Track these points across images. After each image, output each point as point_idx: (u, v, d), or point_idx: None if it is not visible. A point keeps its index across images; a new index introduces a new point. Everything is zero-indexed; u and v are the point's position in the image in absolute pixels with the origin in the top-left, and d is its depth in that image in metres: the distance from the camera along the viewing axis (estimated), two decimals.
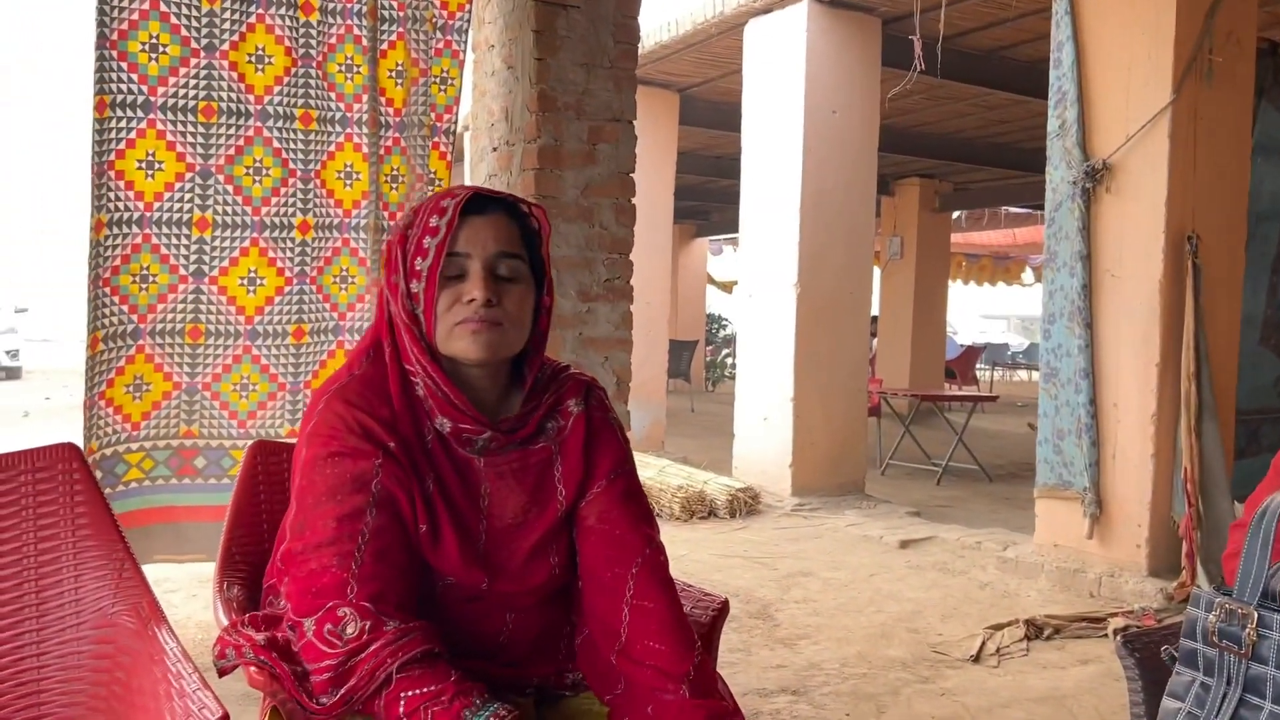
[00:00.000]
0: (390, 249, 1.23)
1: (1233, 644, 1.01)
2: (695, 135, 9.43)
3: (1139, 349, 4.08)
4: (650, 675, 1.21)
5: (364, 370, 1.23)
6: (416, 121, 3.17)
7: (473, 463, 1.24)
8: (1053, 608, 3.88)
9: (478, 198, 1.22)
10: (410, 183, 3.19)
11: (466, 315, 1.18)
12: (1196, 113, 4.02)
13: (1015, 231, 14.21)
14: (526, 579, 1.25)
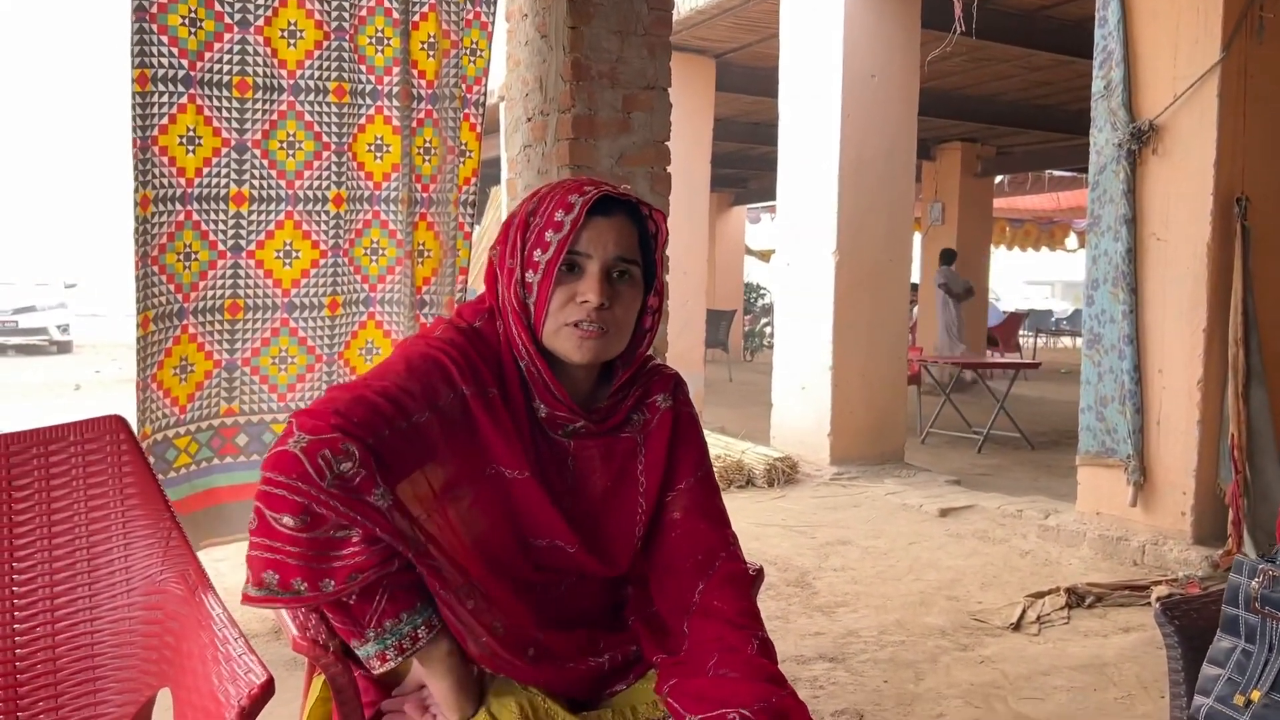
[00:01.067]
0: (507, 231, 1.24)
1: (1276, 610, 1.00)
2: (732, 101, 9.33)
3: (1185, 314, 4.00)
4: (719, 627, 1.23)
5: (483, 325, 1.25)
6: (448, 94, 3.17)
7: (563, 444, 1.27)
8: (1095, 576, 3.84)
9: (604, 198, 1.22)
10: (442, 155, 3.20)
11: (578, 317, 1.19)
12: (1247, 71, 3.90)
13: (1059, 195, 13.95)
14: (611, 560, 1.28)
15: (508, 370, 1.23)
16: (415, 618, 1.13)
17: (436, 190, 3.19)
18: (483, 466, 1.20)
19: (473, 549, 1.18)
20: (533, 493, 1.20)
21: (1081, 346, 4.51)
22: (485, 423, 1.19)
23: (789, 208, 6.31)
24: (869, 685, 2.80)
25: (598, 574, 1.28)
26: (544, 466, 1.24)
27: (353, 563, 1.07)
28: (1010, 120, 9.89)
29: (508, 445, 1.20)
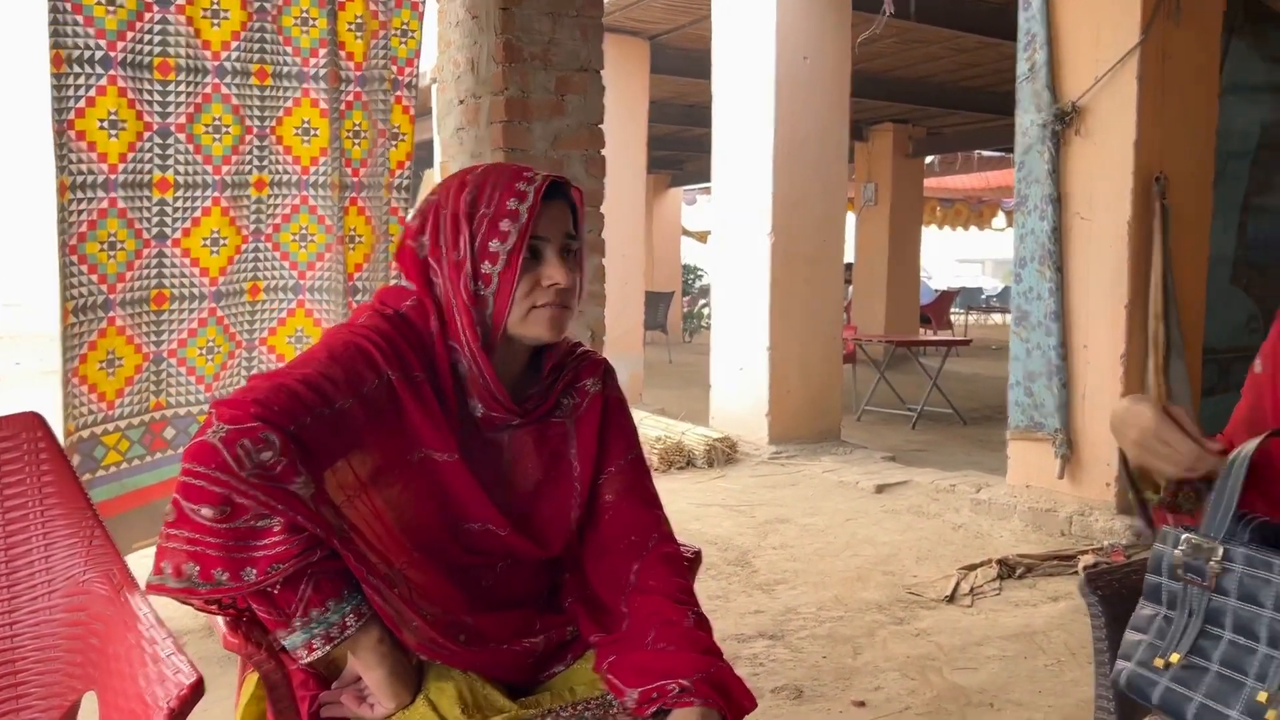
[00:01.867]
0: (438, 224, 1.23)
1: (1197, 577, 1.04)
2: (667, 83, 9.32)
3: (1108, 291, 4.11)
4: (657, 602, 1.25)
5: (409, 311, 1.24)
6: (377, 75, 3.12)
7: (496, 440, 1.27)
8: (1025, 547, 3.95)
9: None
10: (373, 138, 3.14)
11: (547, 299, 1.21)
12: (1165, 53, 4.01)
13: (988, 175, 14.23)
14: (545, 543, 1.28)
15: (439, 360, 1.22)
16: (343, 605, 1.12)
17: (367, 174, 3.13)
18: (410, 451, 1.19)
19: (401, 534, 1.17)
20: (461, 476, 1.20)
21: (1010, 323, 4.61)
22: (412, 407, 1.18)
23: (724, 190, 6.33)
24: (808, 661, 2.85)
25: (531, 556, 1.29)
26: (475, 453, 1.24)
27: (275, 552, 1.06)
28: (940, 101, 10.04)
29: (435, 428, 1.19)
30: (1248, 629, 0.98)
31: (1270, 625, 0.96)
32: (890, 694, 2.62)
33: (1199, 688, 1.00)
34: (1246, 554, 0.99)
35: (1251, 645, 0.98)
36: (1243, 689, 0.96)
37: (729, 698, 1.16)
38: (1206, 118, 4.27)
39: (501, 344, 1.24)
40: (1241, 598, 0.99)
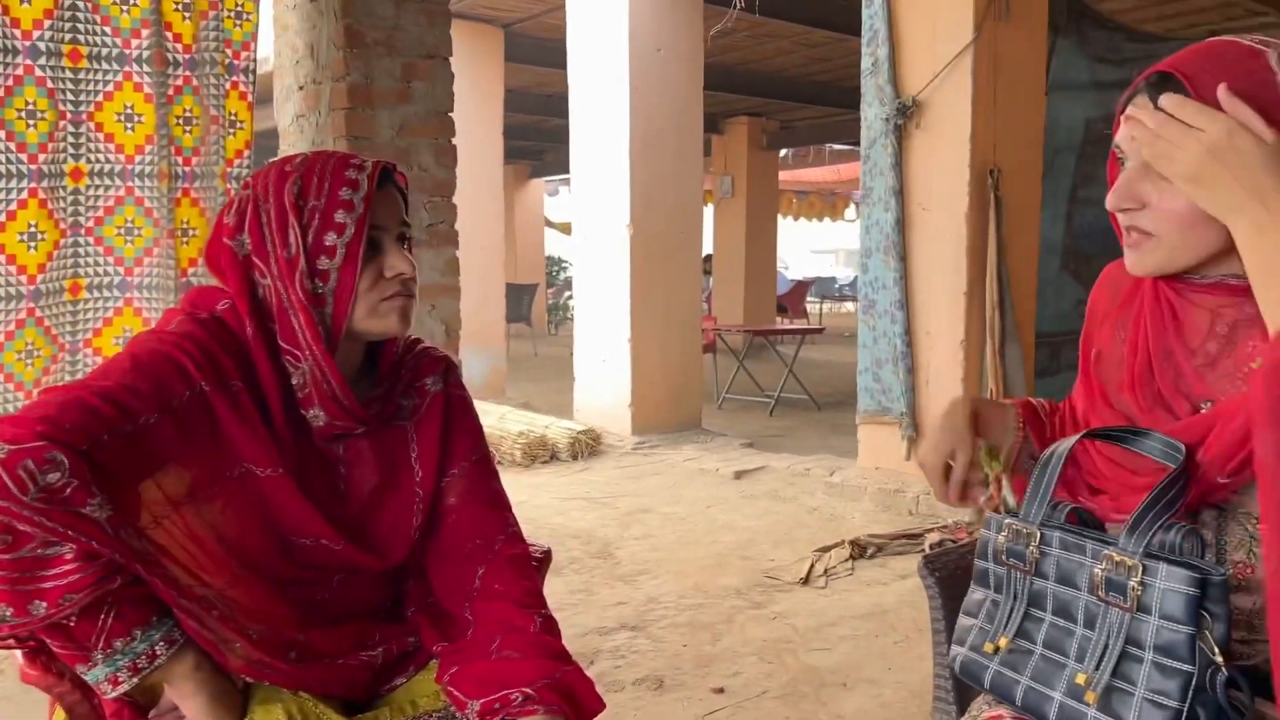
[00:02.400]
0: (259, 218, 1.14)
1: (1018, 562, 1.06)
2: (523, 73, 9.21)
3: (948, 279, 4.29)
4: (502, 608, 1.21)
5: (224, 314, 1.15)
6: (209, 59, 2.94)
7: (331, 451, 1.21)
8: (875, 527, 4.09)
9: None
10: (205, 125, 2.97)
11: (394, 290, 1.17)
12: (996, 51, 4.21)
13: (839, 168, 14.67)
14: (386, 553, 1.23)
15: (260, 368, 1.14)
16: (151, 633, 1.03)
17: (200, 164, 2.96)
18: (229, 467, 1.11)
19: (221, 553, 1.10)
20: (287, 490, 1.13)
21: (859, 312, 4.76)
22: (228, 420, 1.10)
23: (583, 181, 6.31)
24: (669, 650, 2.86)
25: (371, 568, 1.23)
26: (306, 465, 1.17)
27: (67, 582, 0.96)
28: (792, 95, 10.28)
29: (256, 442, 1.12)
30: (1066, 611, 1.02)
31: (1086, 607, 0.99)
32: (748, 679, 2.66)
33: (1025, 670, 1.03)
34: (1062, 538, 1.03)
35: (1070, 627, 1.01)
36: (1064, 670, 1.00)
37: (575, 703, 1.14)
38: (1035, 113, 4.51)
39: (340, 345, 1.18)
40: (1059, 580, 1.02)
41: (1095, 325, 1.20)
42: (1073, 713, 0.97)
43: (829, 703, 2.52)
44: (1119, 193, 1.03)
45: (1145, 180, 1.01)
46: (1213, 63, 0.96)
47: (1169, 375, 1.06)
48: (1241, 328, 1.02)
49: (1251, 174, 0.89)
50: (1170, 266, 1.03)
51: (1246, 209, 0.90)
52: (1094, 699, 0.95)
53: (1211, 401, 1.02)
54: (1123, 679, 0.94)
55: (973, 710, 1.16)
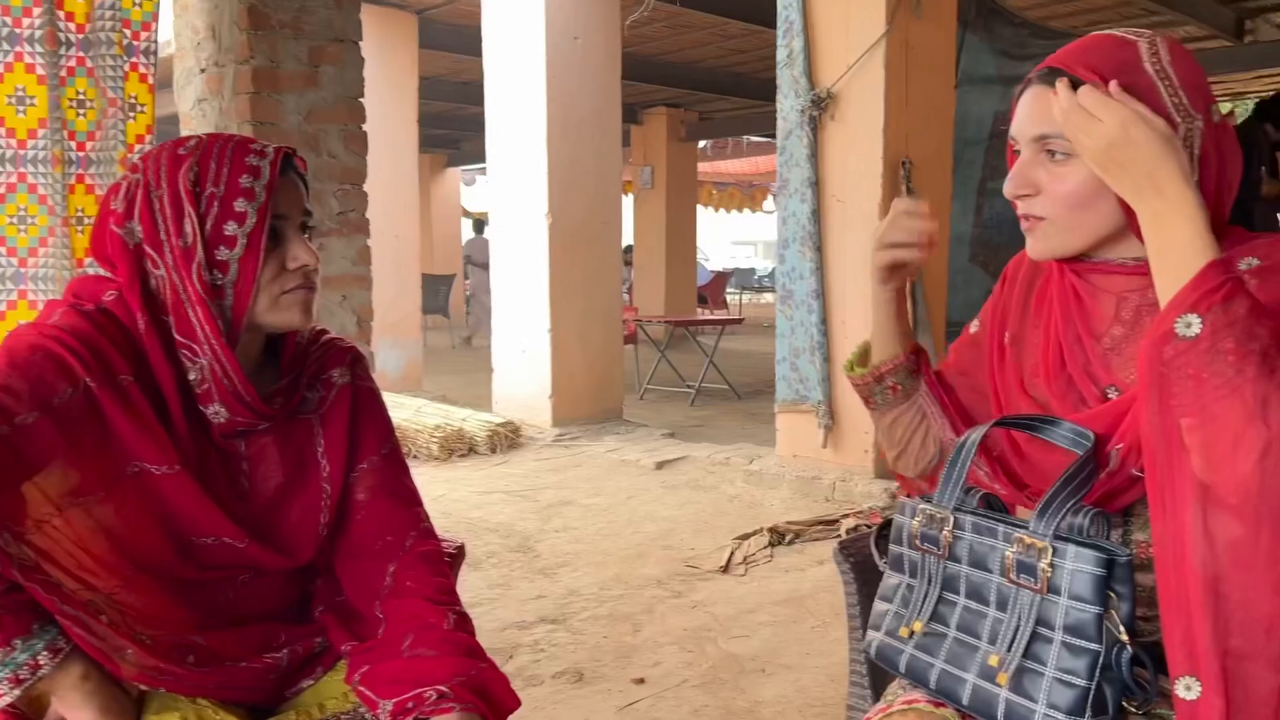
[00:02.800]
0: (150, 205, 1.08)
1: (932, 546, 1.07)
2: (439, 60, 9.07)
3: (862, 270, 4.34)
4: (414, 605, 1.18)
5: (111, 305, 1.09)
6: (105, 39, 2.81)
7: (233, 447, 1.16)
8: (793, 514, 4.14)
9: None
10: (102, 108, 2.83)
11: (297, 282, 1.13)
12: (908, 44, 4.28)
13: (757, 160, 14.83)
14: (293, 552, 1.19)
15: (154, 363, 1.09)
16: (34, 643, 0.97)
17: (96, 149, 2.82)
18: (122, 466, 1.05)
19: (112, 556, 1.04)
20: (186, 488, 1.08)
21: (776, 302, 4.81)
22: (118, 417, 1.05)
23: (500, 170, 6.23)
24: (589, 642, 2.85)
25: (277, 567, 1.18)
26: (206, 461, 1.12)
27: None
28: (709, 87, 10.33)
29: (150, 438, 1.06)
30: (978, 594, 1.03)
31: (998, 589, 1.01)
32: (669, 668, 2.66)
33: (939, 654, 1.04)
34: (975, 522, 1.04)
35: (983, 610, 1.02)
36: (977, 652, 1.01)
37: (490, 700, 1.11)
38: (945, 106, 4.60)
39: (240, 338, 1.13)
40: (972, 564, 1.04)
41: (1009, 308, 1.22)
42: (986, 695, 0.98)
43: (748, 689, 2.53)
44: (1013, 179, 1.06)
45: (1038, 166, 1.04)
46: (1091, 56, 1.01)
47: (1078, 361, 1.08)
48: (1145, 312, 1.05)
49: (1147, 164, 0.93)
50: (1066, 249, 1.06)
51: (1145, 197, 0.94)
52: (1005, 680, 0.96)
53: (1117, 387, 1.04)
54: (1033, 659, 0.96)
55: (888, 695, 1.17)
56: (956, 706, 1.03)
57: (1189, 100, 0.99)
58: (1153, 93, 0.98)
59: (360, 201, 3.40)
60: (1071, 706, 0.92)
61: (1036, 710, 0.94)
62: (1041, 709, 0.94)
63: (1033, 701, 0.94)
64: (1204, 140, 0.99)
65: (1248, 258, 0.99)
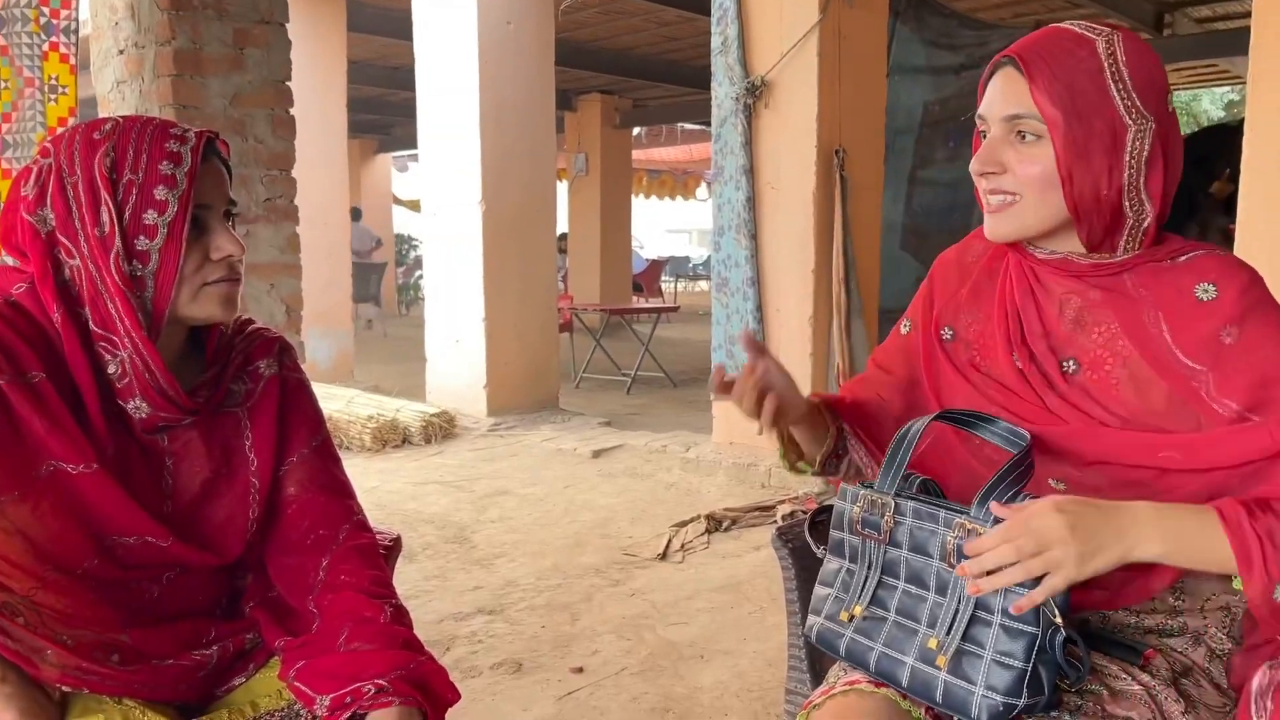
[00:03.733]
0: (63, 191, 1.03)
1: (873, 531, 1.09)
2: (368, 43, 8.89)
3: (797, 257, 4.39)
4: (351, 598, 1.16)
5: (22, 297, 1.04)
6: (20, 15, 2.69)
7: (154, 442, 1.12)
8: (730, 501, 4.17)
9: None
10: (18, 88, 2.72)
11: (221, 274, 1.10)
12: (840, 33, 4.31)
13: (691, 148, 14.85)
14: (221, 549, 1.15)
15: (70, 357, 1.05)
16: None
17: (13, 131, 2.71)
18: (35, 465, 1.01)
19: (28, 558, 1.01)
20: (105, 487, 1.04)
21: (712, 290, 4.82)
22: (29, 415, 1.01)
23: (432, 156, 6.14)
24: (527, 633, 2.83)
25: (204, 565, 1.15)
26: (127, 457, 1.08)
27: None
28: (643, 74, 10.30)
29: (63, 437, 1.02)
30: (919, 578, 1.05)
31: (938, 574, 1.02)
32: (607, 656, 2.66)
33: (879, 637, 1.06)
34: (915, 507, 1.06)
35: (923, 594, 1.04)
36: (916, 635, 1.02)
37: (430, 693, 1.10)
38: (877, 95, 4.65)
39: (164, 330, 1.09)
40: (912, 549, 1.05)
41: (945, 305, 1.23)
42: (925, 676, 1.00)
43: (686, 676, 2.54)
44: (982, 158, 1.08)
45: (1007, 146, 1.06)
46: (1048, 49, 1.04)
47: (1037, 330, 1.12)
48: (1087, 314, 1.10)
49: (1085, 534, 0.93)
50: (1028, 230, 1.09)
51: (1126, 546, 0.94)
52: (944, 662, 0.98)
53: (1077, 360, 1.09)
54: (972, 642, 0.98)
55: (830, 678, 1.18)
56: (897, 688, 1.04)
57: (1141, 101, 1.02)
58: (1104, 95, 1.01)
59: (288, 187, 3.32)
60: (1009, 688, 0.94)
61: (975, 691, 0.96)
62: (980, 690, 0.96)
63: (971, 683, 0.96)
64: (1154, 140, 1.02)
65: (1203, 283, 1.04)
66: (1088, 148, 1.02)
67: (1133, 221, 1.05)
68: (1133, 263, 1.07)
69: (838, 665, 1.19)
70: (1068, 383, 1.09)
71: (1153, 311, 1.06)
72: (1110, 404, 1.06)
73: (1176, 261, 1.06)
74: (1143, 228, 1.05)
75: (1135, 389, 1.06)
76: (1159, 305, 1.05)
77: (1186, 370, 1.03)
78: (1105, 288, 1.09)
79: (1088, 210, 1.04)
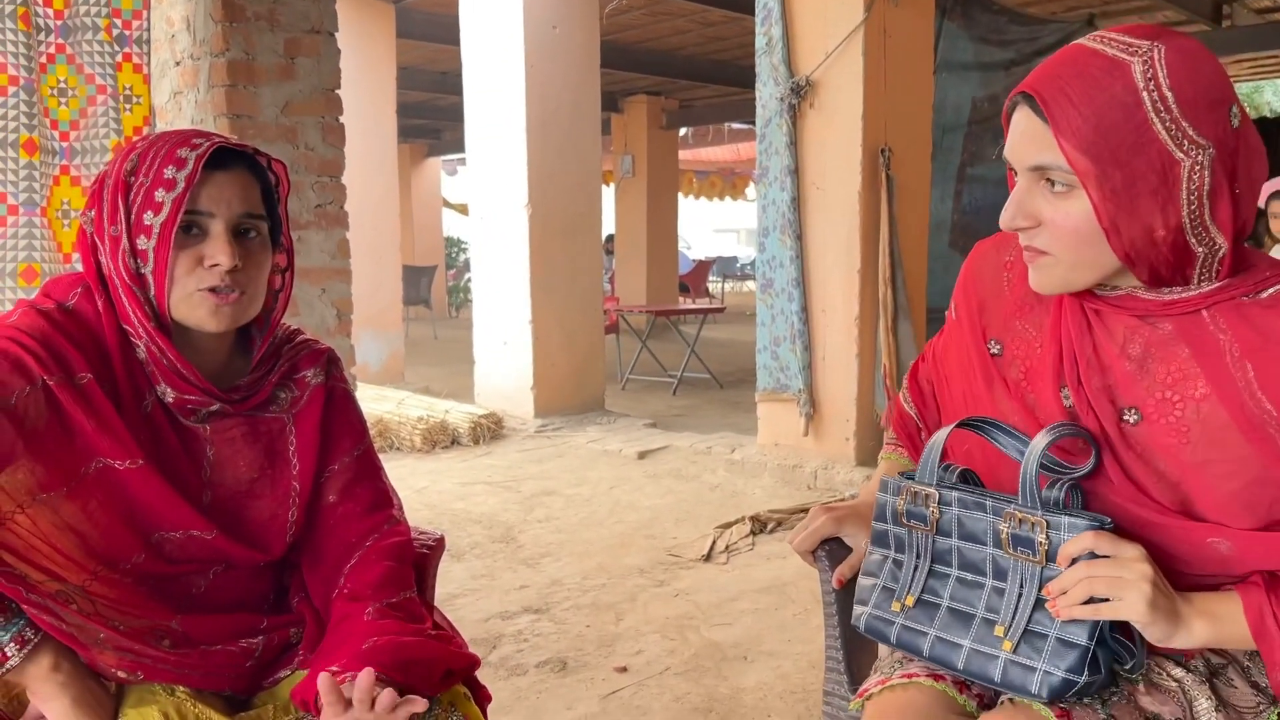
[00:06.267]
0: (101, 193, 1.09)
1: (920, 522, 1.10)
2: (417, 49, 9.01)
3: (842, 257, 4.37)
4: (344, 604, 1.18)
5: (77, 303, 1.10)
6: (89, 24, 2.77)
7: (196, 431, 1.15)
8: (775, 502, 4.16)
9: (219, 151, 1.11)
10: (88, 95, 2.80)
11: (210, 282, 1.11)
12: (886, 31, 4.28)
13: (739, 147, 14.80)
14: (264, 546, 1.19)
15: (113, 353, 1.10)
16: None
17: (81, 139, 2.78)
18: (84, 463, 1.06)
19: (80, 553, 1.05)
20: (150, 482, 1.08)
21: (757, 290, 4.82)
22: (77, 414, 1.05)
23: (479, 160, 6.21)
24: (572, 632, 2.86)
25: (247, 561, 1.19)
26: (167, 453, 1.12)
27: None
28: (690, 74, 10.30)
29: (110, 434, 1.07)
30: (973, 566, 1.07)
31: (994, 560, 1.05)
32: (651, 656, 2.68)
33: (933, 623, 1.08)
34: (960, 497, 1.08)
35: (979, 580, 1.06)
36: (973, 619, 1.05)
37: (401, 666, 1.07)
38: (924, 93, 4.61)
39: (178, 326, 1.13)
40: (964, 538, 1.07)
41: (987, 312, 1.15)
42: (983, 658, 1.02)
43: (730, 676, 2.55)
44: (1011, 212, 0.97)
45: (1037, 196, 0.96)
46: (1071, 83, 0.91)
47: (1094, 381, 1.02)
48: (1153, 352, 1.00)
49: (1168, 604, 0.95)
50: (1071, 286, 0.99)
51: (1185, 634, 0.96)
52: (1010, 646, 1.00)
53: (1138, 409, 1.00)
54: (1036, 624, 1.00)
55: (883, 669, 1.18)
56: (950, 671, 1.06)
57: (1194, 127, 0.89)
58: (1144, 131, 0.89)
59: (339, 194, 3.38)
60: (1071, 665, 0.96)
61: (1037, 668, 0.98)
62: (1042, 667, 0.98)
63: (1032, 662, 0.98)
64: (1214, 168, 0.90)
65: None
66: (1131, 193, 0.90)
67: (1204, 254, 0.93)
68: (1213, 298, 0.95)
69: (889, 655, 1.20)
70: (1124, 437, 0.99)
71: (1236, 351, 0.94)
72: (1169, 466, 0.97)
73: (1262, 296, 0.95)
74: (1217, 259, 0.93)
75: (1206, 439, 0.95)
76: (1243, 344, 0.93)
77: (1274, 422, 0.92)
78: (1178, 323, 0.98)
79: (1143, 255, 0.93)
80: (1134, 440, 0.99)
